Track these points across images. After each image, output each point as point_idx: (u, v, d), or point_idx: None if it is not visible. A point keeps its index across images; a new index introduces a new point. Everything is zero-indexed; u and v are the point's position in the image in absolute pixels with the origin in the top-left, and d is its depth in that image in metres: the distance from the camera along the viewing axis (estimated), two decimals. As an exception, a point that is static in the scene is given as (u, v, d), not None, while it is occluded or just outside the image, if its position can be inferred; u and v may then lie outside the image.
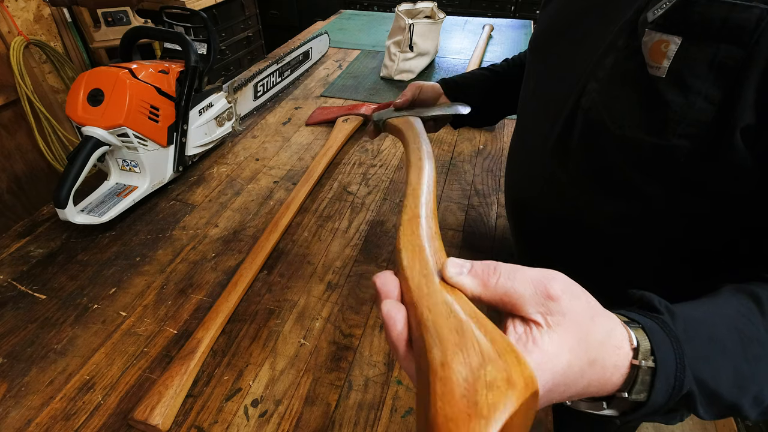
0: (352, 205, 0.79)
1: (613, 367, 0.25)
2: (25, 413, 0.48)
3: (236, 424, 0.48)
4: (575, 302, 0.24)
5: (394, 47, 1.23)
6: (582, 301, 0.25)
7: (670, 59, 0.33)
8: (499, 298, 0.24)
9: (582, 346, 0.23)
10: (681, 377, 0.26)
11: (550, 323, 0.23)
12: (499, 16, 2.50)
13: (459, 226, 0.75)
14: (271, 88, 1.12)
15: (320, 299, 0.62)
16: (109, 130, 0.68)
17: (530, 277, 0.24)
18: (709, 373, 0.27)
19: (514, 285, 0.24)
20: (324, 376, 0.52)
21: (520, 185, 0.56)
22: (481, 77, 0.70)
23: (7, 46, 1.62)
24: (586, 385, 0.25)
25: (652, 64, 0.34)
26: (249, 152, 0.94)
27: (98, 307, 0.60)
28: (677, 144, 0.35)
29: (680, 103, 0.33)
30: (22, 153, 1.77)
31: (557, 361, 0.23)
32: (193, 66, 0.78)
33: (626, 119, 0.37)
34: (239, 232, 0.73)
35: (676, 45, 0.33)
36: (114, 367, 0.53)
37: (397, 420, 0.48)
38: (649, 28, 0.34)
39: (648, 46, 0.34)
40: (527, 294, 0.24)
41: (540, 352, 0.22)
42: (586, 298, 0.25)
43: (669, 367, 0.26)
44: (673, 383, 0.26)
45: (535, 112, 0.51)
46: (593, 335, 0.24)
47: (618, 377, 0.26)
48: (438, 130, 0.69)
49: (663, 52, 0.33)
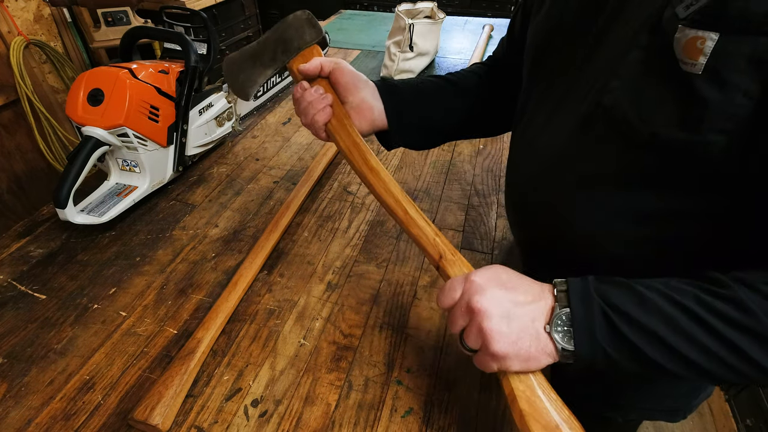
0: (352, 205, 0.79)
1: (541, 298, 0.38)
2: (25, 413, 0.48)
3: (236, 424, 0.48)
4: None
5: (394, 47, 1.23)
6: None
7: (707, 56, 0.32)
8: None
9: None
10: (588, 289, 0.37)
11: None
12: (499, 16, 2.50)
13: (459, 226, 0.75)
14: (271, 88, 1.12)
15: (320, 299, 0.62)
16: (109, 130, 0.68)
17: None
18: (616, 295, 0.36)
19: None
20: (324, 376, 0.52)
21: (525, 186, 0.55)
22: (426, 84, 0.59)
23: (7, 46, 1.62)
24: (527, 283, 0.40)
25: (686, 61, 0.34)
26: (249, 152, 0.94)
27: (98, 307, 0.60)
28: (713, 140, 0.34)
29: (718, 99, 0.33)
30: (22, 153, 1.77)
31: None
32: (193, 66, 0.78)
33: (657, 116, 0.37)
34: (239, 232, 0.73)
35: (713, 41, 0.32)
36: (114, 367, 0.53)
37: (397, 420, 0.48)
38: (682, 25, 0.33)
39: (681, 42, 0.34)
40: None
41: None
42: (502, 277, 0.40)
43: (576, 285, 0.37)
44: (581, 293, 0.37)
45: (544, 112, 0.49)
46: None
47: (550, 299, 0.38)
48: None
49: (699, 48, 0.33)
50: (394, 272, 0.66)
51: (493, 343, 0.37)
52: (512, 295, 0.38)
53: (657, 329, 0.34)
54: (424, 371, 0.53)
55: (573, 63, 0.44)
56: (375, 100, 0.54)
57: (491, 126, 0.67)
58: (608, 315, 0.35)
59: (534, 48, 0.51)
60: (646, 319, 0.34)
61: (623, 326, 0.35)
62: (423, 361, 0.54)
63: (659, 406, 0.61)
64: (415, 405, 0.50)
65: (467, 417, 0.49)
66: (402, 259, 0.68)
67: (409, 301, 0.61)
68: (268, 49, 0.55)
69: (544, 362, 0.38)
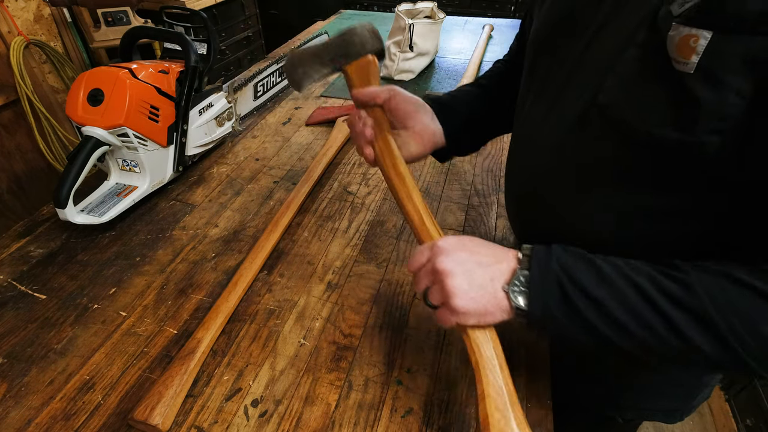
0: (352, 205, 0.79)
1: (504, 260, 0.41)
2: (25, 413, 0.48)
3: (236, 424, 0.48)
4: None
5: (394, 47, 1.23)
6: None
7: (700, 54, 0.32)
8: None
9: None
10: (549, 256, 0.39)
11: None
12: (499, 16, 2.50)
13: (459, 226, 0.75)
14: (271, 88, 1.12)
15: (320, 299, 0.62)
16: (109, 130, 0.68)
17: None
18: (574, 266, 0.38)
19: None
20: (324, 376, 0.52)
21: (523, 182, 0.55)
22: (468, 96, 0.62)
23: (7, 46, 1.62)
24: (491, 250, 0.42)
25: (679, 60, 0.33)
26: (249, 152, 0.94)
27: (98, 307, 0.60)
28: (706, 140, 0.34)
29: (711, 98, 0.33)
30: (22, 153, 1.77)
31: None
32: (193, 66, 0.78)
33: (651, 116, 0.37)
34: (239, 232, 0.73)
35: (705, 40, 0.31)
36: (114, 367, 0.53)
37: (397, 420, 0.48)
38: (676, 22, 0.33)
39: (674, 40, 0.33)
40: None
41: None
42: (467, 244, 0.43)
43: (539, 252, 0.39)
44: (542, 260, 0.39)
45: (542, 108, 0.49)
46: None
47: (513, 262, 0.40)
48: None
49: (692, 47, 0.32)
50: (394, 272, 0.66)
51: (454, 299, 0.40)
52: (476, 257, 0.41)
53: (606, 302, 0.36)
54: (424, 371, 0.53)
55: (571, 58, 0.44)
56: (434, 123, 0.56)
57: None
58: (563, 283, 0.37)
59: (534, 43, 0.51)
60: (598, 292, 0.36)
61: (574, 295, 0.37)
62: (423, 361, 0.54)
63: (657, 406, 0.61)
64: (415, 405, 0.50)
65: (467, 417, 0.49)
66: (402, 259, 0.68)
67: (409, 301, 0.62)
68: (330, 50, 0.58)
69: (499, 317, 0.40)
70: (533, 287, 0.38)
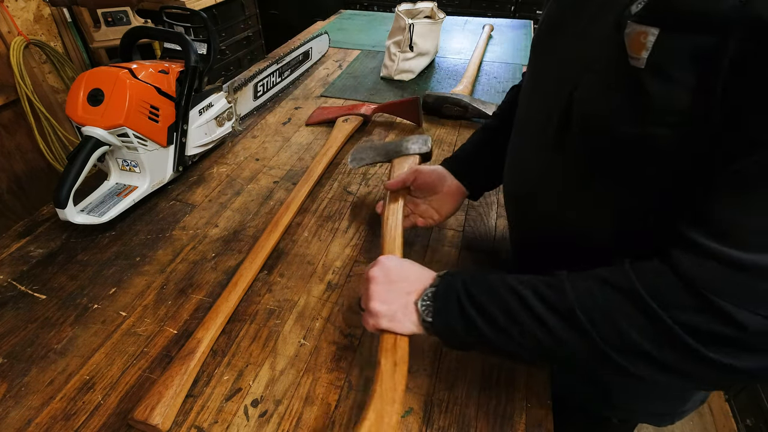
0: (352, 205, 0.79)
1: (423, 280, 0.47)
2: (25, 413, 0.48)
3: (236, 424, 0.48)
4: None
5: (394, 47, 1.23)
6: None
7: (649, 50, 0.34)
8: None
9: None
10: (456, 278, 0.44)
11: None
12: (499, 16, 2.50)
13: (459, 226, 0.75)
14: (271, 88, 1.12)
15: (320, 299, 0.62)
16: (109, 130, 0.68)
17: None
18: (474, 285, 0.43)
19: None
20: (324, 376, 0.52)
21: (518, 182, 0.56)
22: (481, 144, 0.69)
23: (7, 46, 1.62)
24: (416, 271, 0.48)
25: (633, 56, 0.35)
26: (249, 152, 0.94)
27: (98, 307, 0.60)
28: (660, 133, 0.35)
29: (660, 93, 0.34)
30: (22, 153, 1.77)
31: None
32: (193, 66, 0.78)
33: (615, 111, 0.38)
34: (239, 232, 0.73)
35: (654, 36, 0.33)
36: (114, 367, 0.53)
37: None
38: (630, 20, 0.35)
39: (629, 37, 0.35)
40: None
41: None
42: (398, 262, 0.50)
43: (450, 275, 0.46)
44: (449, 281, 0.45)
45: (534, 108, 0.51)
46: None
47: (429, 281, 0.46)
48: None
49: (642, 43, 0.34)
50: (394, 272, 0.66)
51: (371, 301, 0.47)
52: (403, 273, 0.48)
53: (494, 312, 0.41)
54: (424, 371, 0.53)
55: (559, 58, 0.46)
56: (456, 180, 0.66)
57: None
58: (461, 298, 0.43)
59: (532, 47, 0.53)
60: (488, 305, 0.41)
61: (469, 308, 0.42)
62: (423, 361, 0.54)
63: (647, 409, 0.61)
64: (415, 405, 0.50)
65: (467, 417, 0.49)
66: (402, 259, 0.68)
67: (409, 301, 0.61)
68: (390, 147, 0.77)
69: (408, 328, 0.46)
70: (437, 301, 0.44)
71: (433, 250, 0.70)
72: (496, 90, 1.20)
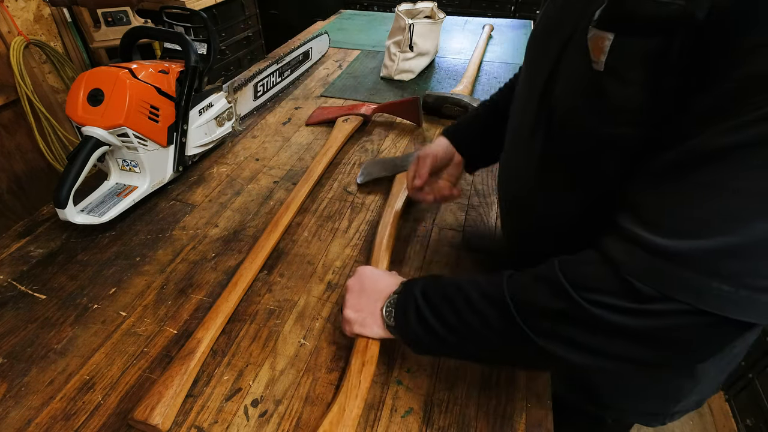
0: (352, 205, 0.79)
1: (390, 288, 0.51)
2: (25, 413, 0.48)
3: (236, 424, 0.48)
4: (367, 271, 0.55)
5: (394, 47, 1.23)
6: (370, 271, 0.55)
7: (606, 54, 0.36)
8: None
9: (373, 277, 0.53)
10: (416, 283, 0.48)
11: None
12: (499, 16, 2.50)
13: (459, 226, 0.75)
14: (271, 88, 1.12)
15: (320, 299, 0.62)
16: (109, 130, 0.68)
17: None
18: (431, 289, 0.46)
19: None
20: (324, 376, 0.52)
21: (510, 183, 0.58)
22: (481, 116, 0.72)
23: (7, 46, 1.62)
24: (386, 281, 0.52)
25: (594, 59, 0.37)
26: (249, 152, 0.94)
27: (98, 307, 0.60)
28: (624, 132, 0.38)
29: (618, 93, 0.36)
30: (22, 153, 1.77)
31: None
32: (193, 66, 0.78)
33: (584, 112, 0.41)
34: (239, 232, 0.73)
35: (609, 41, 0.36)
36: (114, 367, 0.53)
37: (397, 420, 0.48)
38: (592, 26, 0.37)
39: (591, 42, 0.38)
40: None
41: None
42: (371, 272, 0.55)
43: (412, 281, 0.49)
44: (409, 287, 0.48)
45: (522, 109, 0.53)
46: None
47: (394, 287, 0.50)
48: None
49: (601, 47, 0.36)
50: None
51: (345, 309, 0.52)
52: (374, 282, 0.53)
53: (444, 311, 0.44)
54: (424, 371, 0.53)
55: (545, 60, 0.47)
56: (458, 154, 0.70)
57: None
58: (418, 302, 0.46)
59: (527, 48, 0.54)
60: (441, 305, 0.44)
61: (425, 311, 0.45)
62: (423, 361, 0.54)
63: (637, 408, 0.62)
64: (415, 405, 0.50)
65: (467, 417, 0.49)
66: (401, 259, 0.68)
67: (409, 301, 0.61)
68: (395, 162, 0.83)
69: (377, 332, 0.51)
70: (398, 307, 0.48)
71: (433, 250, 0.70)
72: (496, 90, 1.20)
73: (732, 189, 0.29)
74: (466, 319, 0.42)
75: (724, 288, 0.30)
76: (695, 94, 0.32)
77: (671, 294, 0.31)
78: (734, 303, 0.30)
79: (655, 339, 0.34)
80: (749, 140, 0.28)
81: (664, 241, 0.32)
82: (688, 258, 0.31)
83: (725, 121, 0.29)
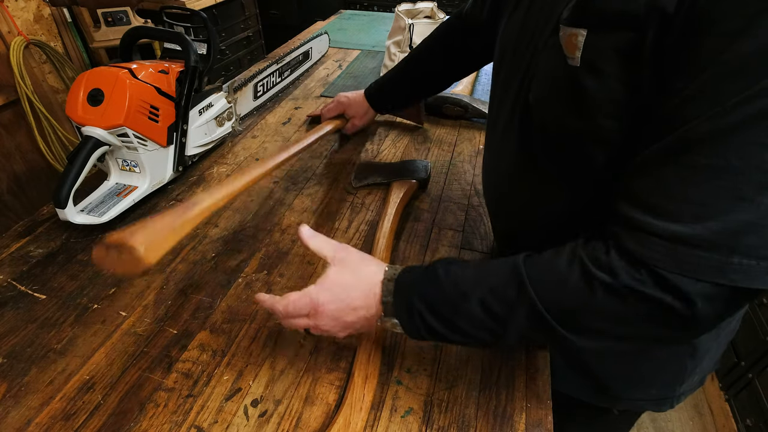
0: (352, 205, 0.79)
1: (374, 283, 0.47)
2: (25, 413, 0.48)
3: (236, 424, 0.48)
4: (352, 254, 0.49)
5: (394, 47, 1.22)
6: (357, 254, 0.50)
7: (581, 49, 0.37)
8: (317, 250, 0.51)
9: (353, 269, 0.48)
10: (406, 294, 0.45)
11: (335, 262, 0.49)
12: (499, 16, 2.49)
13: (459, 226, 0.75)
14: (271, 88, 1.12)
15: (320, 299, 0.62)
16: (109, 130, 0.68)
17: (332, 245, 0.50)
18: (424, 286, 0.44)
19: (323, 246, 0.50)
20: (324, 376, 0.52)
21: (493, 185, 0.59)
22: (401, 73, 0.86)
23: (7, 46, 1.62)
24: (361, 294, 0.47)
25: (569, 56, 0.38)
26: (249, 152, 0.94)
27: (98, 307, 0.60)
28: (604, 125, 0.38)
29: (596, 87, 0.37)
30: (22, 153, 1.77)
31: (331, 276, 0.48)
32: (193, 66, 0.78)
33: (562, 109, 0.41)
34: (239, 232, 0.73)
35: (583, 36, 0.37)
36: (114, 367, 0.53)
37: (397, 420, 0.48)
38: (562, 24, 0.39)
39: (564, 40, 0.39)
40: (329, 252, 0.49)
41: (325, 276, 0.48)
42: (361, 255, 0.50)
43: (402, 276, 0.46)
44: (400, 288, 0.46)
45: (496, 111, 0.54)
46: (362, 267, 0.48)
47: (378, 286, 0.46)
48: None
49: (574, 44, 0.37)
50: (394, 272, 0.66)
51: (329, 331, 0.49)
52: (348, 294, 0.48)
53: (459, 323, 0.42)
54: (424, 371, 0.53)
55: (521, 59, 0.48)
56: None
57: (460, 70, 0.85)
58: (424, 315, 0.43)
59: (499, 45, 0.55)
60: (451, 317, 0.43)
61: (434, 323, 0.43)
62: (423, 361, 0.54)
63: (645, 395, 0.62)
64: (415, 405, 0.50)
65: (467, 417, 0.49)
66: (401, 259, 0.68)
67: (409, 301, 0.61)
68: (392, 169, 0.84)
69: (374, 312, 0.47)
70: (400, 317, 0.45)
71: (433, 251, 0.70)
72: (496, 90, 1.20)
73: (735, 168, 0.30)
74: (486, 326, 0.41)
75: (744, 262, 0.31)
76: (677, 82, 0.32)
77: (698, 276, 0.32)
78: (760, 274, 0.31)
79: (682, 318, 0.34)
80: (740, 120, 0.29)
81: (680, 227, 0.32)
82: (707, 240, 0.32)
83: (713, 106, 0.30)
